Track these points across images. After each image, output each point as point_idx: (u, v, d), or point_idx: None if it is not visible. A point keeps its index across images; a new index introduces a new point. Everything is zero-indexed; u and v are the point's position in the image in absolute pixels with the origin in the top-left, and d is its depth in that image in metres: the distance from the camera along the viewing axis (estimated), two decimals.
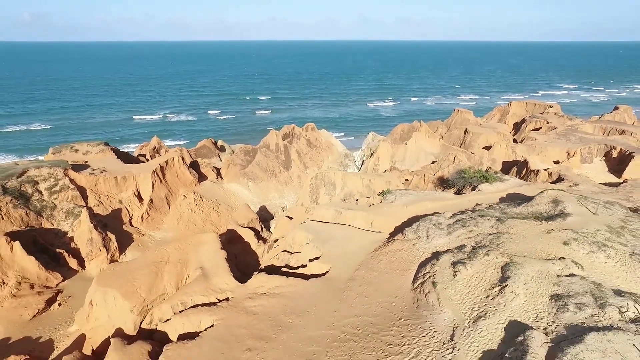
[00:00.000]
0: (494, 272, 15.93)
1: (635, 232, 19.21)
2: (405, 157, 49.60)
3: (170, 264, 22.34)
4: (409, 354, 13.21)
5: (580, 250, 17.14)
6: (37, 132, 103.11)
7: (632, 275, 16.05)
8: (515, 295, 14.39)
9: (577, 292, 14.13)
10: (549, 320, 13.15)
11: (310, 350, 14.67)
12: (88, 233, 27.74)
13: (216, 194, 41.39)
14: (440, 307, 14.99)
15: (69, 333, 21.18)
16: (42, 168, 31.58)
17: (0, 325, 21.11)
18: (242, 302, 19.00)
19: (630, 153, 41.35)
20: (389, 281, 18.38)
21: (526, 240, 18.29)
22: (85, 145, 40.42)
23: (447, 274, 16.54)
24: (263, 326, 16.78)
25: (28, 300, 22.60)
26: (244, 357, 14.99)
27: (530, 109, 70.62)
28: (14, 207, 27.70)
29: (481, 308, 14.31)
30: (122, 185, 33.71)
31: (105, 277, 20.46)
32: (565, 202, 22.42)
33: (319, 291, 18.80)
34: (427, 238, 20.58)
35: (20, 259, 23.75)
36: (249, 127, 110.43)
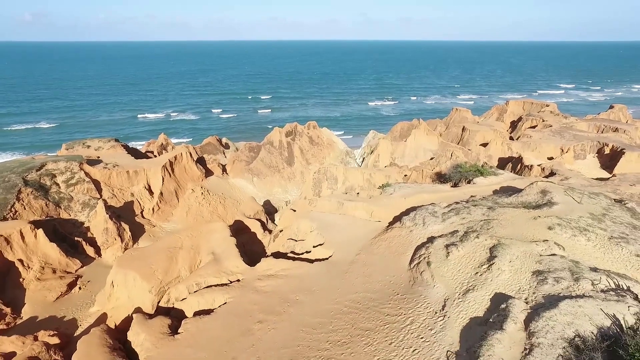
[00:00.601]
0: (482, 252, 17.51)
1: (616, 219, 20.78)
2: (405, 153, 51.18)
3: (183, 249, 23.90)
4: (405, 321, 14.79)
5: (563, 234, 18.69)
6: (43, 130, 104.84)
7: (609, 256, 17.62)
8: (501, 271, 15.96)
9: (556, 269, 15.69)
10: (530, 292, 14.71)
11: (316, 321, 16.25)
12: (104, 223, 29.37)
13: (222, 189, 42.98)
14: (434, 283, 16.57)
15: (90, 313, 22.78)
16: (59, 162, 33.25)
17: (28, 305, 22.78)
18: (252, 282, 20.60)
19: (621, 150, 42.86)
20: (388, 263, 19.95)
21: (514, 225, 19.85)
22: (96, 141, 42.08)
23: (440, 255, 18.12)
24: (272, 302, 18.37)
25: (51, 283, 24.22)
26: (256, 328, 16.58)
27: (527, 107, 72.14)
28: (35, 198, 29.37)
29: (470, 283, 15.89)
30: (134, 179, 35.35)
31: (125, 260, 22.08)
32: (552, 192, 24.00)
33: (323, 273, 20.39)
34: (423, 225, 22.16)
35: (43, 246, 25.38)
36: (251, 126, 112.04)
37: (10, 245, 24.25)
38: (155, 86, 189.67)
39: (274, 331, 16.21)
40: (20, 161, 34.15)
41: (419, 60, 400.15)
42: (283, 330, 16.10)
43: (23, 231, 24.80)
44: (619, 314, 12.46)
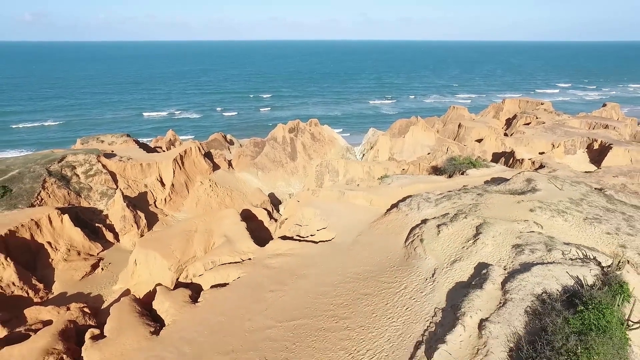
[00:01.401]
0: (469, 230, 19.61)
1: (592, 203, 22.91)
2: (403, 149, 53.31)
3: (198, 232, 26.04)
4: (399, 287, 16.91)
5: (542, 215, 20.80)
6: (49, 128, 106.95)
7: (582, 233, 19.73)
8: (484, 245, 18.06)
9: (533, 242, 17.79)
10: (509, 261, 16.81)
11: (321, 289, 18.36)
12: (121, 211, 31.48)
13: (229, 182, 45.10)
14: (426, 256, 18.68)
15: (114, 290, 24.89)
16: (78, 155, 35.37)
17: (57, 283, 24.89)
18: (263, 260, 22.71)
19: (609, 145, 44.98)
20: (386, 242, 22.06)
21: (499, 208, 21.97)
22: (109, 136, 44.20)
23: (432, 233, 20.23)
24: (282, 276, 20.48)
25: (77, 264, 26.32)
26: (268, 296, 18.70)
27: (522, 106, 74.24)
28: (58, 187, 31.49)
29: (457, 255, 18.00)
30: (147, 171, 37.46)
31: (146, 242, 24.22)
32: (537, 180, 26.15)
33: (327, 251, 22.51)
34: (418, 209, 24.28)
35: (69, 230, 27.47)
36: (253, 124, 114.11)
37: (40, 229, 26.37)
38: (158, 85, 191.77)
39: (284, 298, 18.33)
40: (42, 154, 36.33)
41: (418, 60, 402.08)
42: (292, 297, 18.21)
43: (51, 216, 26.94)
44: (581, 275, 14.58)
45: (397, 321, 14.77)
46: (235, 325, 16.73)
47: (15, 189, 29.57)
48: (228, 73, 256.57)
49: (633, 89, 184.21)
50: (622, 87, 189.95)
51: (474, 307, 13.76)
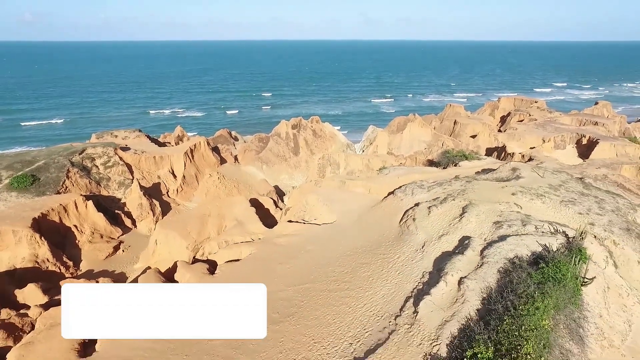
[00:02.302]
0: (456, 210, 22.03)
1: (569, 189, 25.32)
2: (401, 144, 55.78)
3: (212, 216, 28.51)
4: (393, 257, 19.34)
5: (523, 198, 23.22)
6: (56, 126, 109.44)
7: (558, 214, 22.15)
8: (469, 222, 20.48)
9: (511, 219, 20.22)
10: (489, 234, 19.22)
11: (325, 261, 20.79)
12: (138, 199, 33.91)
13: (235, 175, 47.54)
14: (417, 232, 21.11)
15: (135, 268, 27.30)
16: (97, 147, 37.85)
17: (84, 261, 27.34)
18: (271, 239, 25.15)
19: (596, 140, 47.45)
20: (382, 223, 24.48)
21: (485, 192, 24.37)
22: (122, 132, 46.68)
23: (423, 213, 22.65)
24: (289, 252, 22.91)
25: (100, 245, 28.74)
26: (278, 267, 21.13)
27: (517, 104, 76.67)
28: (80, 177, 33.97)
29: (445, 230, 20.43)
30: (160, 164, 39.91)
31: (165, 223, 26.70)
32: (521, 169, 28.59)
33: (329, 231, 24.94)
34: (412, 195, 26.70)
35: (92, 215, 29.90)
36: (255, 122, 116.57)
37: (67, 213, 28.76)
38: (160, 84, 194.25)
39: (292, 269, 20.76)
40: (63, 147, 38.84)
41: (418, 59, 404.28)
42: (299, 268, 20.64)
43: (77, 202, 29.35)
44: (548, 243, 17.03)
45: (390, 282, 17.23)
46: None
47: (43, 178, 32.08)
48: (229, 72, 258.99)
49: (629, 88, 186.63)
50: (618, 86, 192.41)
51: (455, 268, 16.20)
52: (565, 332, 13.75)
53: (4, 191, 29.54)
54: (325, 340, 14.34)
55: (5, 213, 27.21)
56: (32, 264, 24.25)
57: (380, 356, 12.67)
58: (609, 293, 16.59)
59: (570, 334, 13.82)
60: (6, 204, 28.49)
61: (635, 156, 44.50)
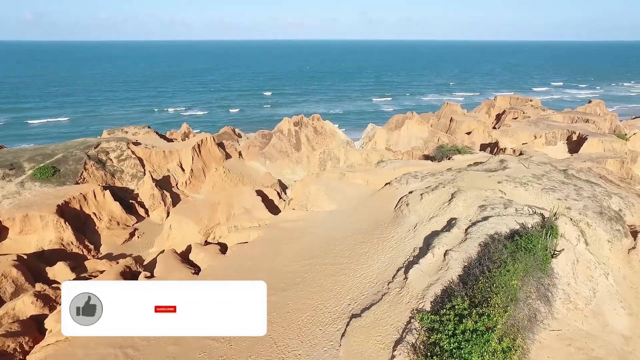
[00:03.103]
0: (446, 195, 24.17)
1: (551, 178, 27.45)
2: (399, 141, 57.95)
3: (221, 204, 30.71)
4: (388, 236, 21.49)
5: (508, 185, 25.36)
6: (62, 124, 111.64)
7: (538, 199, 24.29)
8: (456, 205, 22.63)
9: (495, 203, 22.35)
10: (474, 216, 21.37)
11: (327, 241, 22.92)
12: (150, 190, 36.07)
13: (240, 169, 49.70)
14: (410, 215, 23.26)
15: (151, 252, 29.47)
16: (110, 142, 40.07)
17: (104, 246, 29.53)
18: (277, 224, 27.30)
19: (585, 136, 49.61)
20: (379, 209, 26.62)
21: (473, 181, 26.51)
22: (132, 128, 48.91)
23: (416, 199, 24.80)
24: (294, 234, 25.05)
25: (117, 232, 30.89)
26: (284, 247, 23.27)
27: (513, 102, 78.79)
28: (96, 169, 36.18)
29: (435, 213, 22.58)
30: (169, 158, 42.08)
31: (179, 210, 28.89)
32: (508, 161, 30.75)
33: (331, 217, 27.09)
34: (407, 184, 28.84)
35: (109, 204, 32.07)
36: (257, 120, 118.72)
37: (87, 202, 30.92)
38: (163, 84, 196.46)
39: (297, 248, 22.90)
40: (79, 141, 41.07)
41: (418, 59, 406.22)
42: (303, 247, 22.78)
43: (95, 191, 31.52)
44: (525, 222, 19.19)
45: (385, 257, 19.39)
46: (259, 265, 21.37)
47: (62, 169, 34.26)
48: (231, 72, 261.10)
49: (625, 87, 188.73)
50: (614, 86, 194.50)
51: (442, 243, 18.35)
52: (534, 295, 15.93)
53: (28, 181, 31.80)
54: (327, 302, 16.51)
55: (32, 200, 29.47)
56: (58, 246, 26.49)
57: (374, 312, 14.84)
58: (578, 265, 18.73)
59: (539, 296, 16.01)
60: (31, 193, 30.74)
61: (622, 152, 46.69)
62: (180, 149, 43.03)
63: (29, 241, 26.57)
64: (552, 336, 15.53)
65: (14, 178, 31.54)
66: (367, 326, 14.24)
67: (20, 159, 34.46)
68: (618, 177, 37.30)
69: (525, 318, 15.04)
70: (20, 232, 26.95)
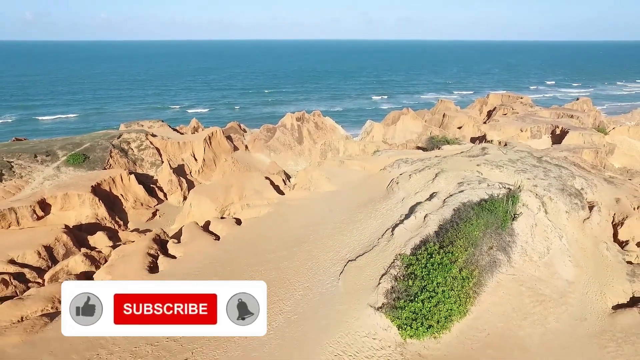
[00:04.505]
0: (431, 175, 28.03)
1: (524, 162, 31.29)
2: (395, 135, 61.83)
3: (234, 187, 34.57)
4: (380, 207, 25.33)
5: (485, 167, 29.20)
6: (70, 120, 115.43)
7: (510, 179, 28.08)
8: (439, 182, 26.48)
9: (471, 180, 26.22)
10: (453, 190, 25.23)
11: (328, 213, 26.73)
12: (168, 176, 39.95)
13: (247, 160, 53.61)
14: (399, 191, 27.12)
15: (172, 228, 33.37)
16: (131, 133, 44.05)
17: (131, 222, 33.39)
18: (284, 202, 31.15)
19: (567, 130, 53.50)
20: (373, 188, 30.45)
21: (455, 164, 30.37)
22: (147, 122, 52.86)
23: (405, 178, 28.65)
24: (300, 210, 28.88)
25: (142, 211, 34.73)
26: (291, 218, 27.12)
27: (505, 100, 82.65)
28: (120, 157, 40.14)
29: (420, 189, 26.42)
30: (183, 148, 45.95)
31: (198, 190, 32.77)
32: (489, 148, 34.65)
33: (331, 196, 30.94)
34: (398, 167, 32.71)
35: (134, 187, 35.94)
36: (259, 117, 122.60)
37: (115, 184, 34.79)
38: (166, 83, 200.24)
39: (303, 218, 26.74)
40: (103, 132, 45.18)
41: (417, 59, 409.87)
42: (308, 218, 26.62)
43: (122, 175, 35.40)
44: (494, 193, 23.07)
45: (376, 222, 23.25)
46: (270, 232, 25.25)
47: (91, 156, 38.21)
48: (232, 71, 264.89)
49: (618, 86, 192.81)
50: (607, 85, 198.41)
51: (423, 209, 22.23)
52: (496, 247, 19.82)
53: (63, 166, 35.74)
54: (328, 254, 20.39)
55: (69, 182, 33.33)
56: (94, 220, 30.33)
57: (366, 257, 18.74)
58: (536, 229, 22.62)
59: (499, 248, 19.91)
60: (67, 176, 34.64)
61: (600, 144, 50.63)
62: (193, 141, 46.92)
63: (69, 216, 30.39)
64: (509, 279, 19.44)
65: (50, 163, 35.52)
66: (360, 266, 18.13)
67: (53, 147, 38.48)
68: (590, 165, 41.23)
69: (487, 264, 18.97)
70: (61, 209, 30.81)
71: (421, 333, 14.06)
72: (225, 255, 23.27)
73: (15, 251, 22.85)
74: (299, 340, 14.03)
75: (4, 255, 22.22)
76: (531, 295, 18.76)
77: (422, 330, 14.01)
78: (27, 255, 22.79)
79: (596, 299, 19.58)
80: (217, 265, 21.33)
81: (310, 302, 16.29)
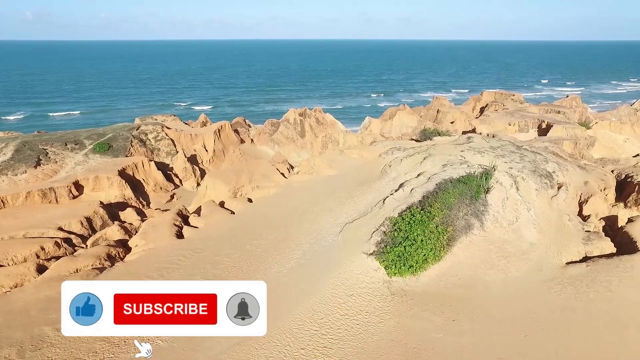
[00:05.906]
0: (419, 159, 31.84)
1: (504, 149, 35.02)
2: (391, 130, 65.67)
3: (244, 171, 38.39)
4: (375, 185, 29.18)
5: (468, 153, 33.00)
6: (80, 116, 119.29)
7: (489, 162, 32.04)
8: (426, 164, 30.30)
9: (454, 162, 30.08)
10: (438, 171, 29.08)
11: (330, 191, 30.50)
12: (183, 164, 43.84)
13: (253, 152, 57.44)
14: (391, 172, 30.97)
15: (189, 209, 37.23)
16: (148, 125, 47.97)
17: (153, 203, 37.25)
18: (290, 184, 35.01)
19: (552, 124, 57.34)
20: (370, 172, 34.24)
21: (442, 150, 34.19)
22: (160, 116, 56.75)
23: (397, 162, 32.49)
24: (304, 189, 32.70)
25: (161, 194, 38.57)
26: (296, 195, 30.97)
27: (498, 97, 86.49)
28: (140, 146, 44.02)
29: (410, 169, 30.27)
30: (195, 140, 49.79)
31: (212, 174, 36.59)
32: (474, 137, 38.50)
33: (332, 178, 34.80)
34: (392, 154, 36.52)
35: (154, 172, 39.82)
36: (262, 114, 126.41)
37: (137, 170, 38.67)
38: (170, 81, 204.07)
39: (307, 195, 30.54)
40: (122, 125, 49.15)
41: (417, 58, 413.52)
42: (312, 195, 30.47)
43: (143, 162, 39.30)
44: (472, 172, 26.91)
45: (371, 196, 27.08)
46: (279, 207, 29.12)
47: (114, 145, 42.12)
48: (234, 71, 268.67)
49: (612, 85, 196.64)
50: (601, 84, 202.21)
51: (410, 184, 26.07)
52: (470, 214, 23.65)
53: (90, 153, 39.72)
54: (330, 221, 24.21)
55: (97, 167, 37.28)
56: (122, 200, 34.17)
57: (360, 220, 22.58)
58: (508, 202, 26.44)
59: (473, 214, 23.72)
60: (95, 161, 38.57)
61: (582, 137, 54.49)
62: (204, 133, 50.78)
63: (99, 196, 34.17)
64: (480, 239, 23.29)
65: (79, 151, 39.48)
66: (356, 226, 21.98)
67: (80, 137, 42.47)
68: (568, 154, 45.06)
69: (462, 227, 22.81)
70: (92, 190, 34.65)
71: (404, 272, 17.87)
72: (240, 225, 27.15)
73: (62, 220, 26.70)
74: (308, 276, 17.89)
75: (54, 224, 26.10)
76: (498, 252, 22.60)
77: (404, 269, 17.82)
78: (72, 224, 26.59)
79: (553, 256, 23.40)
80: (234, 232, 25.17)
81: (316, 252, 20.13)
